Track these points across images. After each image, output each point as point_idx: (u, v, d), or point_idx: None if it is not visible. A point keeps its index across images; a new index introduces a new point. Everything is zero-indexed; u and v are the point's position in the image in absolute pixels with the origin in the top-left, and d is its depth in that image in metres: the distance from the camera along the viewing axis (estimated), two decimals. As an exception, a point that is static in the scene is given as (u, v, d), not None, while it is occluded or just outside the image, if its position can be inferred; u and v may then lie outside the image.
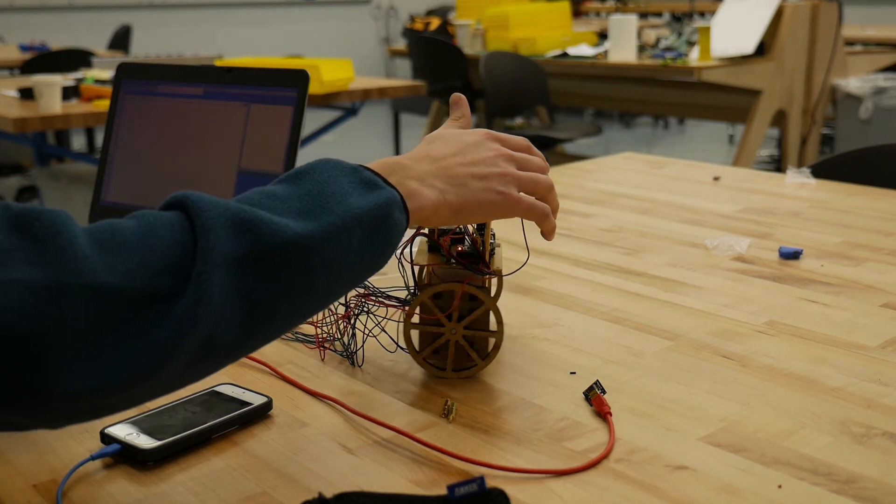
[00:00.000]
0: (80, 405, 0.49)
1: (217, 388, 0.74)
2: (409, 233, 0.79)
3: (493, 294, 0.90)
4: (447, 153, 0.70)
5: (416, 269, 0.79)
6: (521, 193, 0.71)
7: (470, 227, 0.79)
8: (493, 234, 0.83)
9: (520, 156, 0.73)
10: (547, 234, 0.76)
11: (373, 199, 0.60)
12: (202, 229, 0.51)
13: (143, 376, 0.49)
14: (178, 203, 0.54)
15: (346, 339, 0.82)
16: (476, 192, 0.68)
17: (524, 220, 0.74)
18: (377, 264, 0.62)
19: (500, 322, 0.77)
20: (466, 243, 0.78)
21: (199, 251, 0.51)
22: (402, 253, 0.77)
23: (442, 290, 0.76)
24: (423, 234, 0.79)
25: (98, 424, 0.70)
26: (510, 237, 1.22)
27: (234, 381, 0.77)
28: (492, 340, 0.78)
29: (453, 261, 0.76)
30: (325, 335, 0.84)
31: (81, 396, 0.48)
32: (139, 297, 0.49)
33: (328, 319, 0.84)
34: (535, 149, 0.76)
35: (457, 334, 0.77)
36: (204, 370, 0.54)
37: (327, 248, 0.56)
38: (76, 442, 0.68)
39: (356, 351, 0.82)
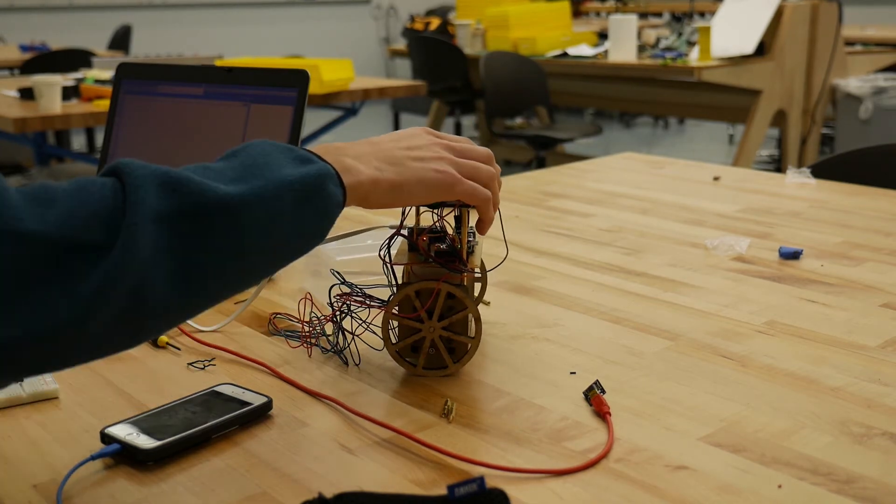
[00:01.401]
0: (9, 355, 0.49)
1: (217, 388, 0.74)
2: (389, 232, 0.79)
3: (476, 292, 0.90)
4: (383, 140, 0.72)
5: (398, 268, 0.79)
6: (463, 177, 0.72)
7: (449, 227, 0.79)
8: (474, 233, 0.83)
9: (458, 145, 0.74)
10: (484, 224, 0.76)
11: (305, 171, 0.61)
12: (132, 186, 0.53)
13: (71, 324, 0.49)
14: (112, 169, 0.55)
15: (333, 337, 0.83)
16: (415, 170, 0.70)
17: (502, 219, 0.74)
18: (313, 236, 0.62)
19: (478, 326, 0.77)
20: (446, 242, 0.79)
21: (128, 206, 0.52)
22: (383, 253, 0.77)
23: (421, 289, 0.76)
24: (402, 235, 0.79)
25: (98, 424, 0.70)
26: (509, 236, 1.22)
27: (234, 381, 0.77)
28: (468, 344, 0.78)
29: (431, 259, 0.76)
30: (311, 332, 0.84)
31: (9, 344, 0.48)
32: (67, 246, 0.50)
33: (314, 318, 0.84)
34: (475, 144, 0.77)
35: (434, 332, 0.77)
36: (138, 328, 0.54)
37: (257, 210, 0.57)
38: (76, 442, 0.68)
39: (342, 349, 0.82)
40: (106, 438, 0.66)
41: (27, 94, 2.90)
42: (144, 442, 0.65)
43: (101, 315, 0.50)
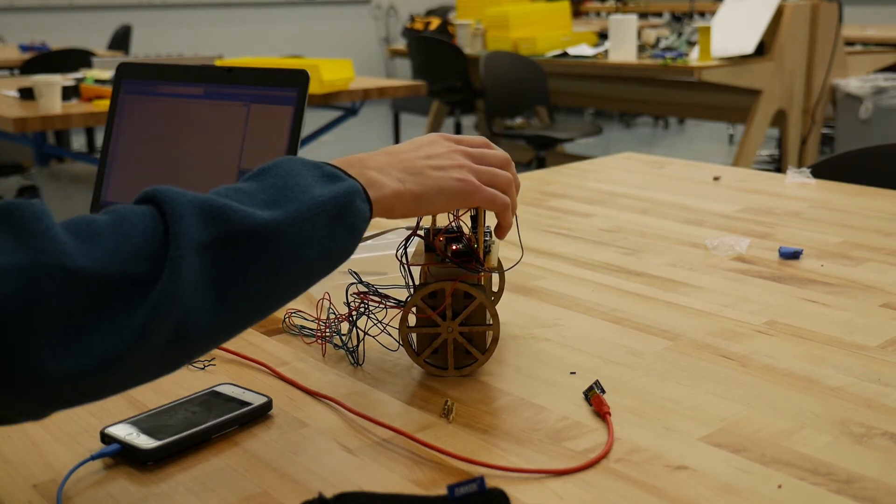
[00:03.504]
0: (60, 389, 0.49)
1: (217, 388, 0.74)
2: (405, 233, 0.79)
3: (495, 291, 0.91)
4: (403, 149, 0.72)
5: (415, 269, 0.79)
6: (482, 184, 0.72)
7: (465, 227, 0.79)
8: (490, 233, 0.83)
9: (476, 151, 0.75)
10: (503, 229, 0.77)
11: (335, 189, 0.62)
12: (172, 217, 0.53)
13: (119, 358, 0.50)
14: (149, 197, 0.56)
15: (346, 337, 0.83)
16: (435, 179, 0.70)
17: (518, 223, 0.74)
18: (343, 253, 0.63)
19: (494, 315, 0.77)
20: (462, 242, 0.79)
21: (171, 237, 0.53)
22: (400, 254, 0.77)
23: (437, 290, 0.76)
24: (419, 235, 0.79)
25: (98, 424, 0.70)
26: (510, 236, 1.22)
27: (234, 381, 0.77)
28: (489, 334, 0.78)
29: (447, 260, 0.76)
30: (326, 331, 0.84)
31: (61, 379, 0.48)
32: (115, 281, 0.50)
33: (331, 317, 0.84)
34: (494, 145, 0.77)
35: (453, 332, 0.77)
36: (180, 356, 0.55)
37: (293, 234, 0.58)
38: (76, 442, 0.68)
39: (356, 347, 0.82)
40: (106, 438, 0.66)
41: (27, 94, 2.90)
42: (144, 442, 0.65)
43: (147, 347, 0.51)
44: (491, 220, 0.78)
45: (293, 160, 0.64)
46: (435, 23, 5.68)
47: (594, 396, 0.72)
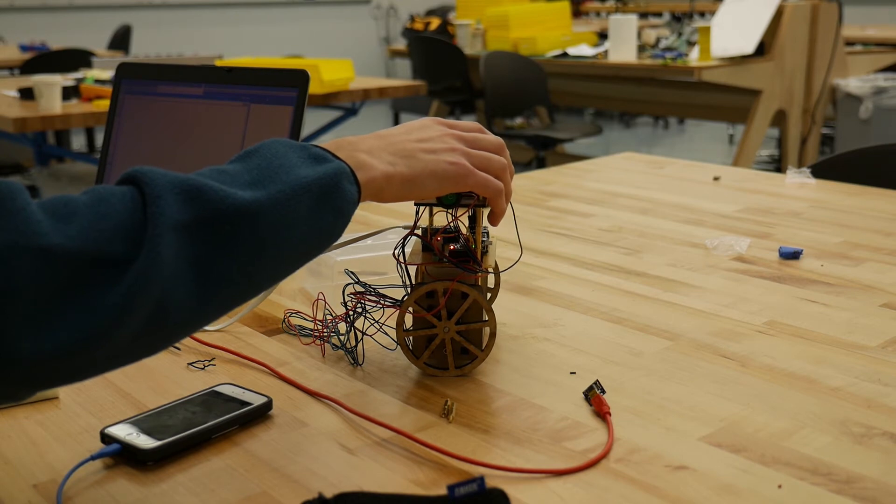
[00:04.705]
0: (37, 369, 0.49)
1: (217, 388, 0.74)
2: (403, 232, 0.79)
3: (491, 292, 0.91)
4: (394, 133, 0.72)
5: (412, 268, 0.79)
6: (475, 168, 0.72)
7: (463, 227, 0.79)
8: (487, 232, 0.83)
9: (470, 135, 0.74)
10: (496, 216, 0.76)
11: (321, 170, 0.61)
12: (151, 197, 0.53)
13: (96, 338, 0.49)
14: (130, 178, 0.55)
15: (345, 337, 0.83)
16: (427, 163, 0.69)
17: (517, 221, 0.74)
18: (329, 235, 0.62)
19: (489, 311, 0.77)
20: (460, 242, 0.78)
21: (149, 217, 0.52)
22: (397, 253, 0.77)
23: (433, 290, 0.76)
24: (417, 235, 0.79)
25: (98, 424, 0.70)
26: (507, 236, 1.22)
27: (234, 381, 0.77)
28: (486, 331, 0.78)
29: (445, 259, 0.76)
30: (325, 331, 0.84)
31: (37, 359, 0.48)
32: (91, 260, 0.50)
33: (327, 318, 0.84)
34: (487, 131, 0.76)
35: (450, 332, 0.77)
36: (162, 336, 0.54)
37: (275, 214, 0.57)
38: (76, 442, 0.68)
39: (354, 347, 0.82)
40: (106, 438, 0.66)
41: (27, 94, 2.90)
42: (144, 442, 0.65)
43: (125, 327, 0.50)
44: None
45: (279, 142, 0.63)
46: (435, 23, 5.69)
47: (594, 396, 0.72)
